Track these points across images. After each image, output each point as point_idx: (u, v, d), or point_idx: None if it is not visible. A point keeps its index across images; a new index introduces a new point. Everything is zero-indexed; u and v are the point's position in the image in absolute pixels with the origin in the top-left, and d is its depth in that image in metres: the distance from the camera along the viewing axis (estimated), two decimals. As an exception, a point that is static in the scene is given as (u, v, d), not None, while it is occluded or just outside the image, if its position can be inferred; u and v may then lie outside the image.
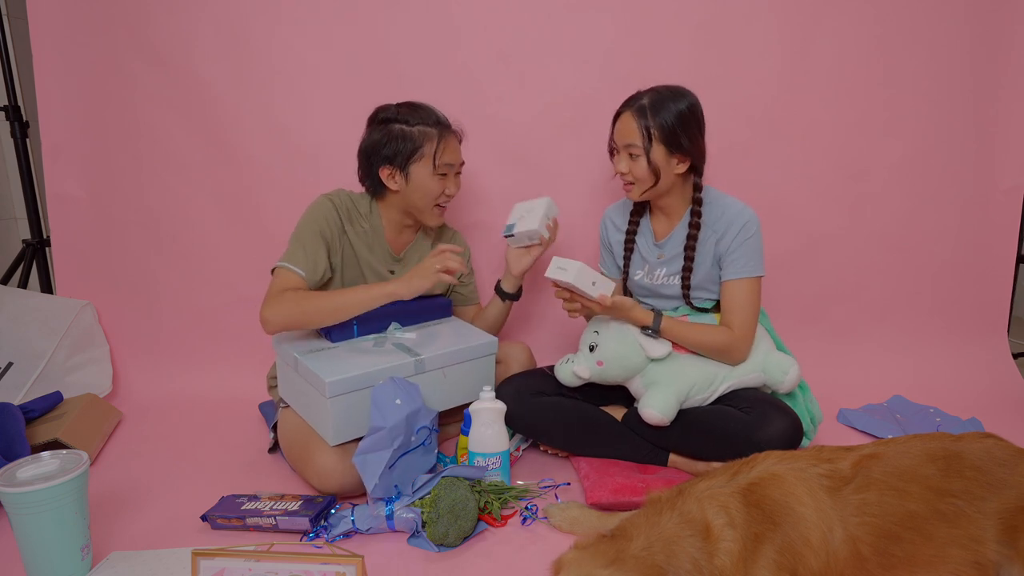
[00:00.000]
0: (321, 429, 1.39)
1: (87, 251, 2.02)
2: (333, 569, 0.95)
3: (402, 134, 1.50)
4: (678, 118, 1.39)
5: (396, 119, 1.51)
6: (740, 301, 1.45)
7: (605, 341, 1.43)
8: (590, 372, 1.44)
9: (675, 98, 1.40)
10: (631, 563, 0.86)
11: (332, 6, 1.87)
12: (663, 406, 1.39)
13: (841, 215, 2.02)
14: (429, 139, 1.51)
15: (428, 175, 1.51)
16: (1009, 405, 1.92)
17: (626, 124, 1.43)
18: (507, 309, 1.71)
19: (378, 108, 1.56)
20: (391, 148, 1.50)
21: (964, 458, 1.03)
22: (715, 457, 1.43)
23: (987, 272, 2.07)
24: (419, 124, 1.51)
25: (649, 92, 1.43)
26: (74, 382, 1.88)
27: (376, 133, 1.52)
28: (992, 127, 1.98)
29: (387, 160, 1.51)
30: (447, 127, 1.55)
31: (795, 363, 1.47)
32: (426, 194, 1.53)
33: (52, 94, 1.92)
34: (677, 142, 1.40)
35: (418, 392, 1.33)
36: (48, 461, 1.11)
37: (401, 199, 1.55)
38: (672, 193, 1.50)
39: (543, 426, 1.51)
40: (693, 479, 1.03)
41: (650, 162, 1.41)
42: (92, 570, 1.13)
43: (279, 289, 1.43)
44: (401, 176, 1.51)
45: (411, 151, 1.50)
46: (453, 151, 1.55)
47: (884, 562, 0.96)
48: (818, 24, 1.89)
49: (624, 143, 1.44)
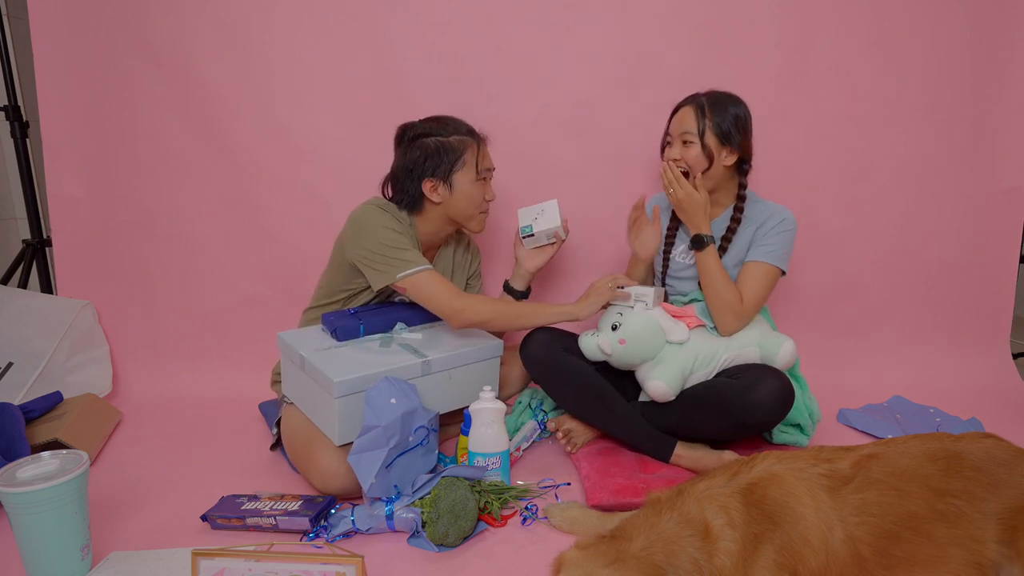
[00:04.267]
0: (326, 429, 1.39)
1: (87, 251, 2.02)
2: (333, 569, 0.95)
3: (442, 146, 1.50)
4: (733, 116, 1.51)
5: (429, 133, 1.51)
6: (755, 282, 1.52)
7: (629, 323, 1.47)
8: (612, 348, 1.48)
9: (732, 101, 1.53)
10: (632, 563, 0.86)
11: (332, 6, 1.87)
12: (668, 378, 1.43)
13: (841, 215, 2.03)
14: (469, 147, 1.52)
15: (471, 182, 1.53)
16: (1009, 405, 1.92)
17: (685, 115, 1.54)
18: None
19: (404, 127, 1.56)
20: (433, 161, 1.50)
21: (964, 458, 1.03)
22: (714, 430, 1.45)
23: (987, 272, 2.07)
24: (454, 135, 1.52)
25: (708, 92, 1.55)
26: (74, 382, 1.88)
27: (413, 151, 1.51)
28: (992, 127, 1.98)
29: (430, 173, 1.51)
30: (479, 134, 1.56)
31: (790, 340, 1.50)
32: (471, 201, 1.54)
33: (52, 94, 1.92)
34: (729, 136, 1.51)
35: (415, 392, 1.33)
36: (48, 461, 1.11)
37: (443, 211, 1.55)
38: (719, 188, 1.58)
39: (560, 380, 1.54)
40: (693, 479, 1.03)
41: (704, 146, 1.50)
42: (92, 570, 1.13)
43: (448, 290, 1.45)
44: (444, 187, 1.52)
45: (453, 161, 1.50)
46: (488, 156, 1.58)
47: (884, 562, 0.96)
48: (818, 25, 1.89)
49: (680, 131, 1.54)
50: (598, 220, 1.98)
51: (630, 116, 1.93)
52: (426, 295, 1.46)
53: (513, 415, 1.65)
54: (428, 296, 1.46)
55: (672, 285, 1.69)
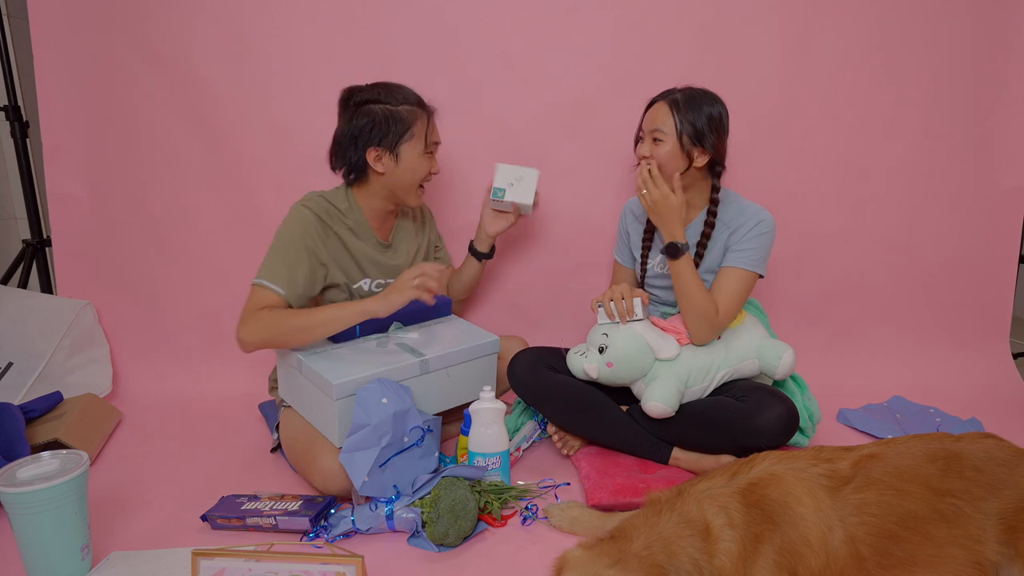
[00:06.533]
0: (326, 431, 1.38)
1: (87, 251, 2.02)
2: (333, 569, 0.95)
3: (390, 114, 1.45)
4: (707, 116, 1.45)
5: (377, 100, 1.46)
6: (729, 289, 1.48)
7: (615, 342, 1.43)
8: (599, 373, 1.45)
9: (708, 100, 1.47)
10: (634, 563, 0.86)
11: (332, 6, 1.86)
12: (665, 396, 1.39)
13: (842, 215, 2.02)
14: (419, 118, 1.48)
15: (418, 155, 1.49)
16: (1009, 405, 1.92)
17: (658, 111, 1.48)
18: (482, 268, 1.75)
19: (350, 89, 1.50)
20: (380, 130, 1.45)
21: (964, 458, 1.03)
22: (716, 448, 1.44)
23: (988, 272, 2.07)
24: (404, 104, 1.48)
25: (684, 88, 1.49)
26: (74, 382, 1.88)
27: (360, 117, 1.46)
28: (992, 127, 1.98)
29: (376, 142, 1.46)
30: (428, 105, 1.53)
31: (790, 348, 1.47)
32: (415, 174, 1.51)
33: (52, 94, 1.92)
34: (701, 136, 1.45)
35: (408, 393, 1.33)
36: (48, 461, 1.11)
37: (385, 182, 1.51)
38: (691, 188, 1.53)
39: (549, 400, 1.51)
40: (693, 479, 1.03)
41: (681, 146, 1.45)
42: (92, 570, 1.13)
43: (255, 308, 1.39)
44: (390, 157, 1.47)
45: (402, 131, 1.46)
46: (436, 129, 1.55)
47: (884, 562, 0.96)
48: (818, 25, 1.89)
49: (651, 128, 1.49)
50: (598, 220, 1.98)
51: (630, 116, 1.92)
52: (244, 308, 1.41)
53: (513, 415, 1.65)
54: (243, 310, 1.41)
55: (657, 295, 1.66)
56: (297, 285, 1.42)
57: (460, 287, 1.78)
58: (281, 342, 1.40)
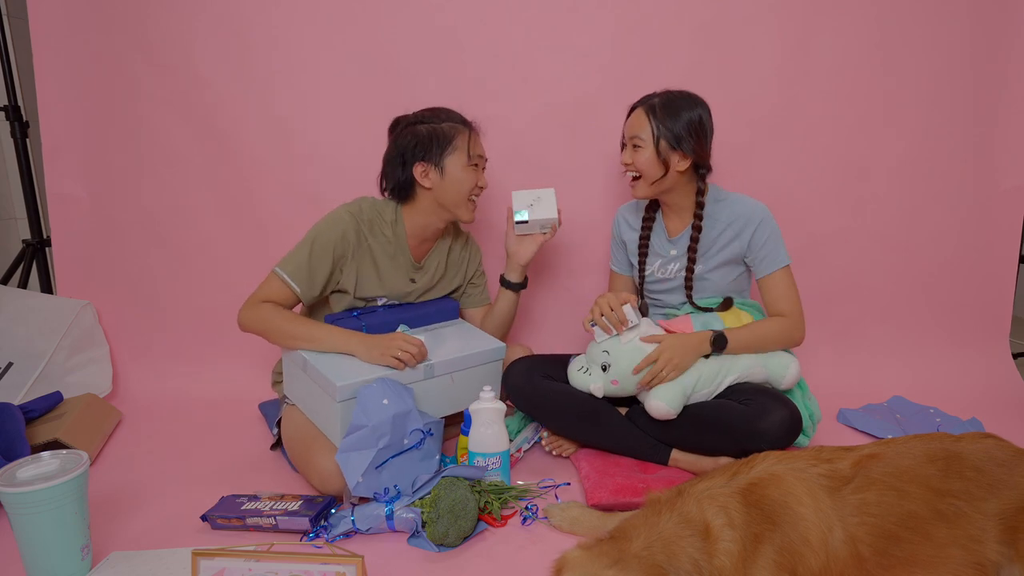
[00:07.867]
0: (328, 431, 1.39)
1: (87, 251, 2.02)
2: (333, 569, 0.95)
3: (433, 131, 1.52)
4: (687, 120, 1.45)
5: (422, 121, 1.54)
6: (782, 290, 1.52)
7: (618, 360, 1.42)
8: (604, 392, 1.45)
9: (687, 103, 1.46)
10: (634, 563, 0.86)
11: (332, 6, 1.87)
12: (670, 398, 1.39)
13: (842, 215, 2.02)
14: (460, 133, 1.53)
15: (462, 167, 1.52)
16: (1009, 405, 1.92)
17: (636, 118, 1.50)
18: (517, 300, 1.71)
19: (397, 119, 1.59)
20: (424, 146, 1.51)
21: (964, 458, 1.02)
22: (717, 450, 1.44)
23: (988, 272, 2.07)
24: (447, 121, 1.54)
25: (663, 93, 1.50)
26: (74, 382, 1.88)
27: (404, 137, 1.53)
28: (992, 127, 1.98)
29: (421, 157, 1.51)
30: (472, 123, 1.58)
31: (795, 360, 1.49)
32: (462, 187, 1.54)
33: (52, 94, 1.92)
34: (680, 140, 1.45)
35: (410, 395, 1.33)
36: (48, 461, 1.11)
37: (434, 197, 1.54)
38: (676, 191, 1.54)
39: (546, 409, 1.51)
40: (693, 479, 1.03)
41: (658, 152, 1.45)
42: (92, 570, 1.13)
43: (263, 296, 1.46)
44: (435, 171, 1.52)
45: (444, 145, 1.51)
46: (480, 144, 1.58)
47: (883, 562, 0.96)
48: (818, 25, 1.89)
49: (631, 135, 1.50)
50: (598, 219, 1.98)
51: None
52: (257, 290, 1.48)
53: (515, 417, 1.65)
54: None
55: (659, 299, 1.66)
56: (314, 287, 1.49)
57: (495, 324, 1.70)
58: (271, 339, 1.47)
